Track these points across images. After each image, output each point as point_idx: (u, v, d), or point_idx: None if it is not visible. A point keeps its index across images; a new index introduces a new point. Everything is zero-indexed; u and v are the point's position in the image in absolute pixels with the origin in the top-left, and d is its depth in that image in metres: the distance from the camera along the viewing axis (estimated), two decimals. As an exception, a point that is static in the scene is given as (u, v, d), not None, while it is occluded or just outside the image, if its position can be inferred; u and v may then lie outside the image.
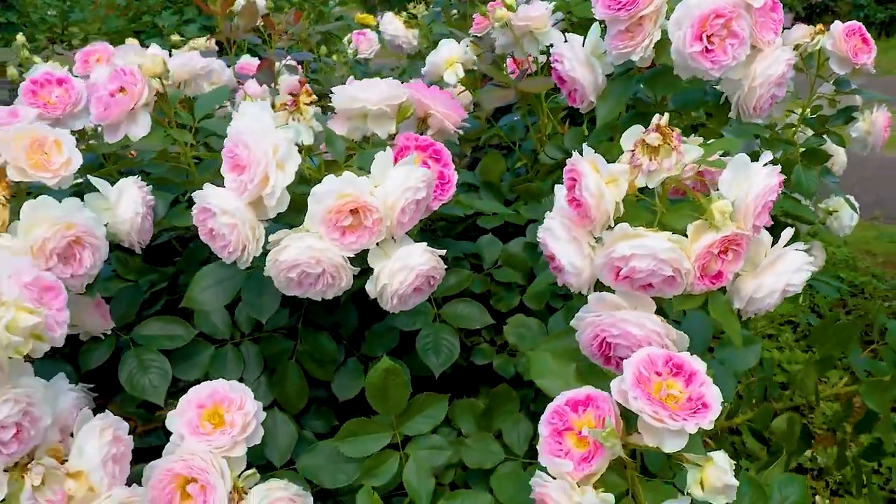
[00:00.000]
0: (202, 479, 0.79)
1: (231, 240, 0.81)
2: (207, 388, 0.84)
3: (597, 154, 0.74)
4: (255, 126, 0.80)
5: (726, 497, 0.66)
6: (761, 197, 0.73)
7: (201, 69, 1.28)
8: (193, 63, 1.27)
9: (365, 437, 0.91)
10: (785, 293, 0.77)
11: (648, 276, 0.72)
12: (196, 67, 1.27)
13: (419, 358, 1.00)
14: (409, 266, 0.83)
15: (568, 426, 0.71)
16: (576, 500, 0.67)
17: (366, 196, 0.79)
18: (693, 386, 0.67)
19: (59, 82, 1.09)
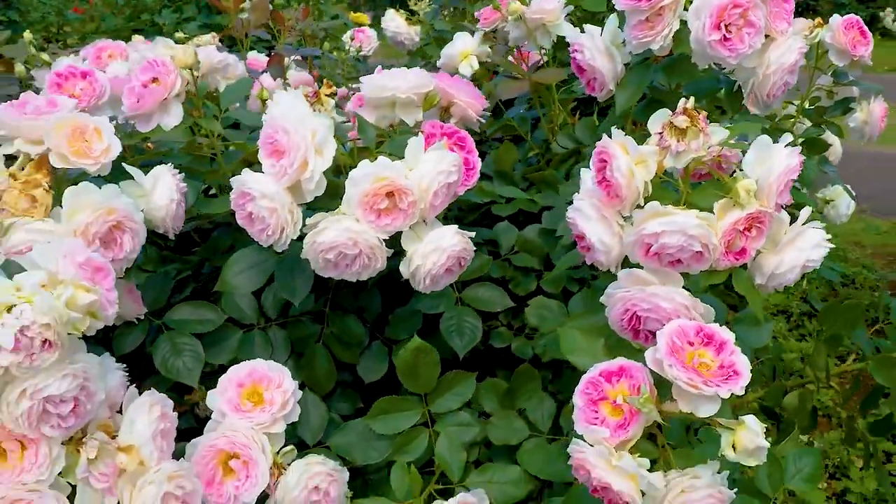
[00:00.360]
0: (244, 454, 0.82)
1: (270, 223, 0.84)
2: (247, 367, 0.87)
3: (627, 136, 0.77)
4: (293, 113, 0.83)
5: (757, 459, 0.70)
6: (783, 176, 0.77)
7: (218, 63, 1.30)
8: (211, 57, 1.29)
9: (396, 415, 0.94)
10: (805, 268, 0.80)
11: (678, 252, 0.76)
12: (213, 61, 1.29)
13: (442, 340, 1.03)
14: (442, 248, 0.86)
15: (603, 396, 0.74)
16: (614, 464, 0.70)
17: (401, 179, 0.82)
18: (724, 354, 0.71)
19: (84, 75, 1.11)
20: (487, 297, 1.07)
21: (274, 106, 0.87)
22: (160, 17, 2.82)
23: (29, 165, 0.87)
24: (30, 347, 0.66)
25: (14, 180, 0.85)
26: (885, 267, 2.91)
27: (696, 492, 0.71)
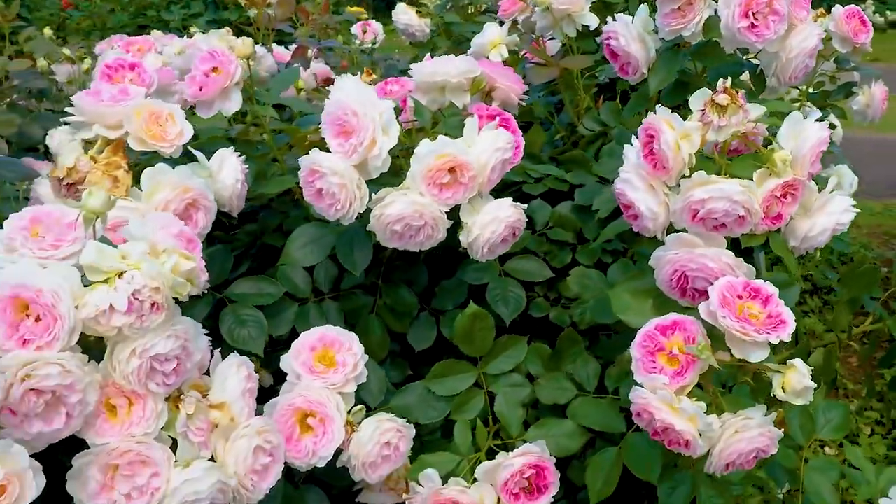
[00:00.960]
0: (321, 412, 0.88)
1: (340, 198, 0.90)
2: (317, 332, 0.93)
3: (673, 113, 0.84)
4: (361, 95, 0.89)
5: (804, 398, 0.77)
6: (815, 147, 0.84)
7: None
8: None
9: (453, 377, 1.00)
10: (834, 231, 0.88)
11: (723, 217, 0.83)
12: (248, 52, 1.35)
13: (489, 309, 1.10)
14: (499, 218, 0.92)
15: (660, 347, 0.81)
16: (676, 406, 0.77)
17: (463, 155, 0.89)
18: (770, 306, 0.78)
19: (132, 67, 1.16)
20: (529, 269, 1.13)
21: (337, 91, 0.93)
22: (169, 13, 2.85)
23: (107, 149, 0.93)
24: (140, 310, 0.72)
25: (96, 163, 0.90)
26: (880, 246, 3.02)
27: (749, 431, 0.79)
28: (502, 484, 0.88)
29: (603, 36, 1.09)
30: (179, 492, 0.74)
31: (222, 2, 2.74)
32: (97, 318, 0.71)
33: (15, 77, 1.67)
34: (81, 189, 0.90)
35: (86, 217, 0.75)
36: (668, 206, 0.88)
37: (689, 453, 0.80)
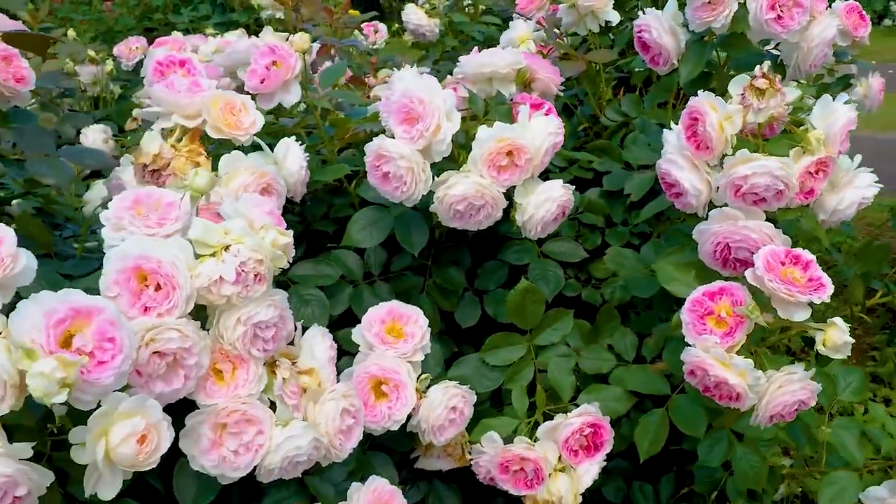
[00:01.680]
0: (395, 378, 0.95)
1: (407, 180, 0.97)
2: (385, 306, 1.00)
3: (717, 97, 0.92)
4: (425, 84, 0.96)
5: (842, 353, 0.85)
6: (844, 127, 0.93)
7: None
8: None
9: (506, 349, 1.08)
10: (860, 205, 0.97)
11: (764, 191, 0.91)
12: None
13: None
14: (553, 198, 1.00)
15: (709, 311, 0.89)
16: (728, 363, 0.85)
17: (520, 139, 0.96)
18: (810, 271, 0.86)
19: (181, 63, 1.22)
20: (565, 250, 1.21)
21: (399, 81, 1.00)
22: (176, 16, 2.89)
23: (185, 137, 0.99)
24: (246, 280, 0.78)
25: (177, 150, 0.96)
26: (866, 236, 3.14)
27: (792, 384, 0.87)
28: (563, 441, 0.96)
29: (635, 29, 1.17)
30: (282, 448, 0.81)
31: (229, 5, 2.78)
32: (209, 287, 0.77)
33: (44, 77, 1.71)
34: (165, 175, 0.96)
35: (192, 195, 0.82)
36: (710, 183, 0.96)
37: (738, 406, 0.88)
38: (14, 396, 0.62)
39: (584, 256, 1.22)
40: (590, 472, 0.98)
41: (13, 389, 0.62)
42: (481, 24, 2.29)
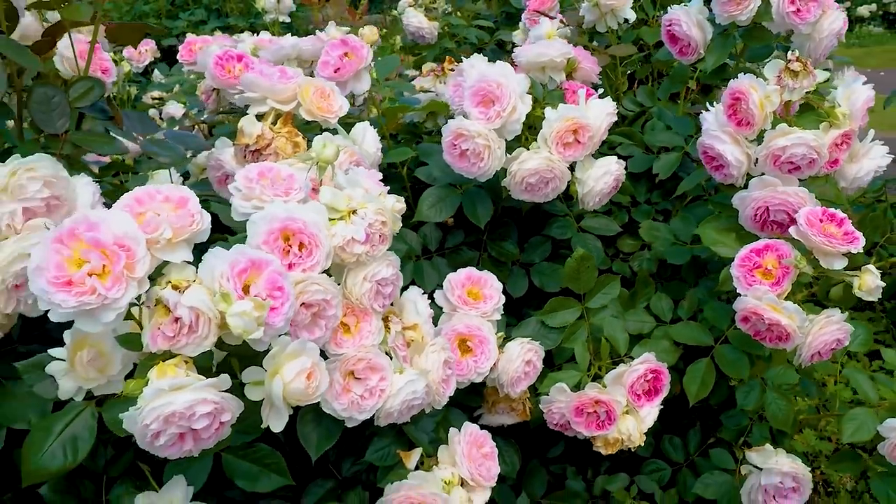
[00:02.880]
0: (478, 335, 1.06)
1: (485, 157, 1.07)
2: (464, 272, 1.10)
3: (758, 79, 1.06)
4: (501, 70, 1.07)
5: (874, 296, 0.99)
6: (864, 104, 1.07)
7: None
8: (321, 44, 1.50)
9: (563, 311, 1.19)
10: (876, 173, 1.11)
11: (800, 160, 1.05)
12: (321, 47, 1.51)
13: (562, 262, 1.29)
14: (610, 171, 1.12)
15: (757, 265, 1.02)
16: (780, 307, 0.98)
17: (585, 118, 1.08)
18: (844, 226, 1.00)
19: (238, 58, 1.30)
20: (600, 225, 1.33)
21: (471, 68, 1.11)
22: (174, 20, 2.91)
23: (280, 121, 1.08)
24: (373, 240, 0.88)
25: (276, 132, 1.05)
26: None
27: (831, 325, 1.01)
28: (629, 386, 1.07)
29: (665, 22, 1.30)
30: (402, 391, 0.90)
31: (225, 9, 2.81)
32: (343, 246, 0.86)
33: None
34: (266, 154, 1.04)
35: (320, 166, 0.91)
36: (749, 156, 1.09)
37: (785, 346, 1.02)
38: (215, 334, 0.71)
39: (617, 231, 1.34)
40: (651, 413, 1.10)
41: (215, 328, 0.71)
42: (473, 27, 2.41)
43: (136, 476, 0.88)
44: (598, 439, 1.09)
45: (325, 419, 0.93)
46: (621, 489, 1.34)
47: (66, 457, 0.75)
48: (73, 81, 0.96)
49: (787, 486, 1.14)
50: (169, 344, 0.70)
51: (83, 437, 0.76)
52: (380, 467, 1.02)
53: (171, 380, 0.68)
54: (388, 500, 0.94)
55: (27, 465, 0.75)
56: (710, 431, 1.42)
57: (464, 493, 0.95)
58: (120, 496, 0.87)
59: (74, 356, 0.75)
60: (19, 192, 0.77)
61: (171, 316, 0.70)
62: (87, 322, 0.67)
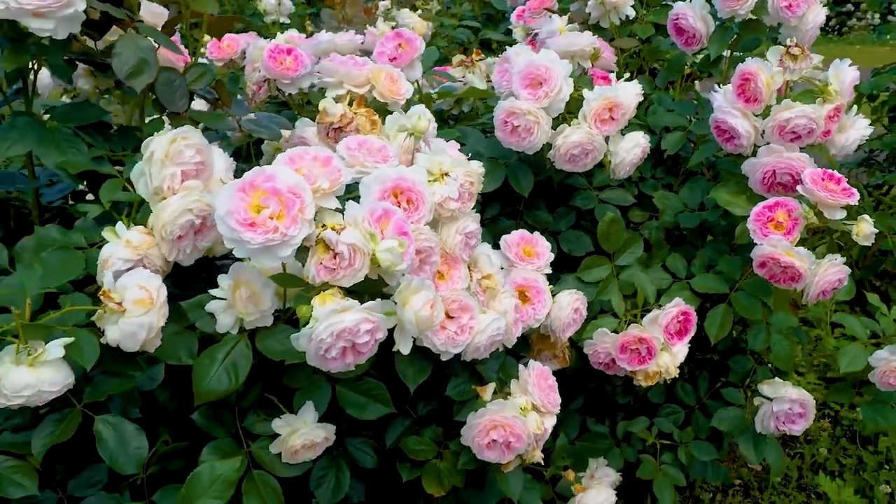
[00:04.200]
0: (535, 286, 1.22)
1: (534, 132, 1.23)
2: (517, 233, 1.26)
3: (764, 61, 1.25)
4: (548, 56, 1.23)
5: (869, 241, 1.19)
6: (851, 82, 1.27)
7: (360, 43, 1.66)
8: (357, 40, 1.65)
9: (597, 268, 1.36)
10: (860, 142, 1.31)
11: (801, 130, 1.24)
12: (357, 42, 1.65)
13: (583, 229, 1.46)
14: (639, 144, 1.30)
15: (770, 219, 1.21)
16: (793, 252, 1.16)
17: (619, 98, 1.25)
18: (842, 184, 1.19)
19: (288, 52, 1.44)
20: (617, 196, 1.50)
21: (517, 56, 1.27)
22: None
23: (355, 102, 1.22)
24: (462, 198, 1.04)
25: (356, 112, 1.19)
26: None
27: (834, 267, 1.20)
28: (664, 326, 1.25)
29: (672, 17, 1.48)
30: (489, 328, 1.06)
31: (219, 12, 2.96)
32: (441, 203, 1.01)
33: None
34: (347, 131, 1.18)
35: (416, 136, 1.06)
36: (756, 128, 1.28)
37: (797, 286, 1.20)
38: (367, 267, 0.85)
39: (632, 201, 1.52)
40: (682, 350, 1.28)
41: (368, 262, 0.85)
42: (463, 27, 2.58)
43: (264, 406, 1.01)
44: (640, 373, 1.26)
45: (416, 359, 1.07)
46: (643, 429, 1.52)
47: (230, 380, 0.89)
48: (188, 67, 1.08)
49: (794, 412, 1.33)
50: (329, 276, 0.84)
51: (241, 363, 0.90)
52: (456, 402, 1.17)
53: (339, 303, 0.82)
54: (474, 424, 1.09)
55: (199, 387, 0.88)
56: (715, 378, 1.60)
57: (537, 417, 1.11)
58: (252, 423, 1.00)
59: (235, 294, 0.89)
60: (178, 158, 0.90)
61: (330, 253, 0.84)
62: (266, 257, 0.81)
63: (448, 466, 1.17)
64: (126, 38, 0.94)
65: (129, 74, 0.93)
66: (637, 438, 1.56)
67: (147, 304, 0.79)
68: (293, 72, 1.40)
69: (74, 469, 0.89)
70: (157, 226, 0.89)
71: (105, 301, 0.78)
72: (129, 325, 0.79)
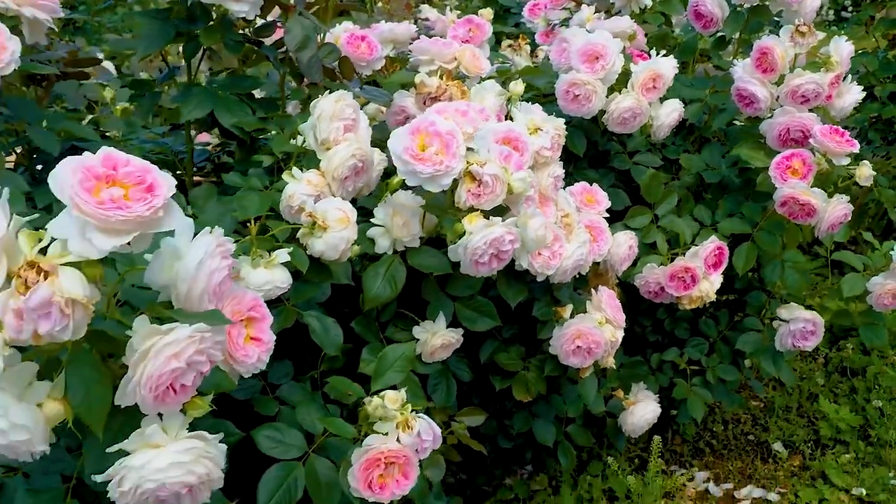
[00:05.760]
0: (598, 226, 1.46)
1: (592, 99, 1.48)
2: (579, 185, 1.50)
3: (779, 37, 1.51)
4: (603, 35, 1.48)
5: (868, 182, 1.46)
6: (848, 55, 1.54)
7: (413, 33, 1.90)
8: (412, 29, 1.88)
9: (640, 216, 1.61)
10: (854, 105, 1.59)
11: (810, 94, 1.50)
12: (412, 32, 1.89)
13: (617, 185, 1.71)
14: (676, 108, 1.56)
15: (788, 167, 1.47)
16: (809, 192, 1.43)
17: (662, 70, 1.51)
18: (845, 136, 1.46)
19: (362, 38, 1.67)
20: (648, 159, 1.76)
21: (574, 36, 1.52)
22: None
23: (445, 76, 1.45)
24: (554, 146, 1.28)
25: (449, 85, 1.43)
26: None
27: (841, 204, 1.47)
28: (704, 258, 1.50)
29: (692, 3, 1.74)
30: (575, 254, 1.30)
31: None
32: (538, 151, 1.26)
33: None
34: (441, 100, 1.42)
35: (513, 99, 1.30)
36: (772, 94, 1.54)
37: (811, 221, 1.47)
38: (505, 193, 1.09)
39: (660, 163, 1.77)
40: (717, 279, 1.54)
41: (506, 188, 1.08)
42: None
43: (398, 319, 1.24)
44: (684, 298, 1.51)
45: (513, 282, 1.31)
46: (676, 356, 1.77)
47: (391, 289, 1.12)
48: (321, 45, 1.31)
49: (808, 329, 1.60)
50: (475, 201, 1.08)
51: (398, 276, 1.13)
52: (538, 323, 1.41)
53: (486, 221, 1.06)
54: (561, 335, 1.33)
55: (368, 295, 1.11)
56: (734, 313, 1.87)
57: (611, 328, 1.36)
58: (392, 333, 1.23)
59: (392, 221, 1.12)
60: (340, 114, 1.13)
61: (476, 182, 1.07)
62: (432, 185, 1.04)
63: (534, 376, 1.41)
64: (294, 18, 1.16)
65: (297, 48, 1.16)
66: (668, 368, 1.82)
67: (345, 222, 1.02)
68: (368, 56, 1.63)
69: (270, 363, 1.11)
70: (328, 168, 1.11)
71: (313, 219, 1.01)
72: (333, 239, 1.01)
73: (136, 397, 0.64)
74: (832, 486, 1.81)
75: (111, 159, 0.61)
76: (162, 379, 0.63)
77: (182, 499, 0.68)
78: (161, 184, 0.61)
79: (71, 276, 0.58)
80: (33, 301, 0.56)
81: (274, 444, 0.98)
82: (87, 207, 0.58)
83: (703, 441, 2.06)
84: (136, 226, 0.59)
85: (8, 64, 0.88)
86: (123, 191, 0.60)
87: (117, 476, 0.66)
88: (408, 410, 0.93)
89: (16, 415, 0.62)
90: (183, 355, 0.64)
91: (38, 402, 0.64)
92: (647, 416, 1.60)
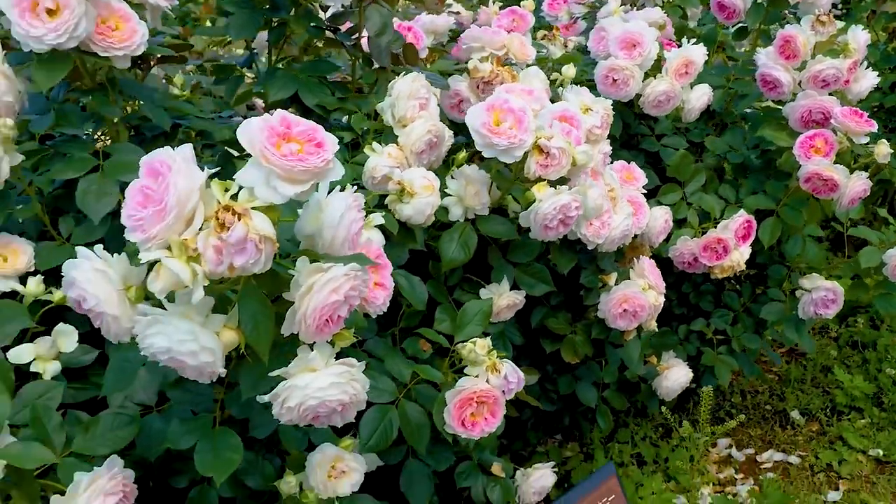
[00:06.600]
0: (637, 201, 1.58)
1: (630, 83, 1.60)
2: (618, 163, 1.62)
3: (801, 26, 1.63)
4: (640, 24, 1.60)
5: (886, 160, 1.58)
6: (864, 42, 1.67)
7: (451, 24, 2.01)
8: (449, 21, 1.99)
9: (671, 193, 1.73)
10: (870, 89, 1.71)
11: (831, 79, 1.62)
12: (450, 23, 2.00)
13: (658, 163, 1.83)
14: (706, 92, 1.67)
15: (812, 145, 1.59)
16: (832, 168, 1.55)
17: (693, 56, 1.63)
18: (864, 117, 1.58)
19: (409, 29, 1.77)
20: (674, 142, 1.87)
21: (612, 25, 1.63)
22: None
23: (494, 61, 1.56)
24: (603, 125, 1.39)
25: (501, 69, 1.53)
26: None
27: (861, 180, 1.59)
28: (734, 230, 1.62)
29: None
30: (622, 224, 1.41)
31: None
32: (589, 129, 1.37)
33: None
34: (494, 84, 1.53)
35: (565, 82, 1.41)
36: (794, 79, 1.66)
37: (834, 195, 1.59)
38: (570, 164, 1.20)
39: (686, 146, 1.89)
40: (746, 251, 1.65)
41: (570, 161, 1.20)
42: (495, 15, 2.92)
43: (464, 283, 1.35)
44: (716, 268, 1.63)
45: (565, 251, 1.43)
46: (703, 326, 1.89)
47: (465, 253, 1.23)
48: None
49: (829, 298, 1.72)
50: (542, 171, 1.19)
51: (471, 241, 1.24)
52: (584, 290, 1.52)
53: (554, 189, 1.17)
54: (608, 299, 1.44)
55: (444, 258, 1.22)
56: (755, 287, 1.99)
57: (654, 293, 1.47)
58: (459, 296, 1.34)
59: (466, 190, 1.23)
60: (416, 94, 1.24)
61: (543, 154, 1.19)
62: (507, 156, 1.15)
63: (581, 339, 1.53)
64: (373, 7, 1.27)
65: (376, 34, 1.27)
66: (694, 338, 1.94)
67: (430, 189, 1.13)
68: (416, 45, 1.74)
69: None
70: (407, 143, 1.22)
71: (402, 187, 1.12)
72: (420, 204, 1.12)
73: (301, 327, 0.75)
74: (850, 447, 1.93)
75: (286, 120, 0.71)
76: (325, 311, 0.74)
77: (334, 416, 0.79)
78: (328, 140, 0.72)
79: (261, 216, 0.69)
80: (233, 237, 0.67)
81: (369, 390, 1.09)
82: (274, 159, 0.68)
83: (723, 411, 2.18)
84: (311, 175, 0.70)
85: (139, 46, 0.98)
86: (298, 146, 0.70)
87: (283, 395, 0.76)
88: (494, 356, 1.04)
89: (204, 339, 0.72)
90: (341, 290, 0.74)
91: (215, 331, 0.75)
92: (681, 380, 1.72)
